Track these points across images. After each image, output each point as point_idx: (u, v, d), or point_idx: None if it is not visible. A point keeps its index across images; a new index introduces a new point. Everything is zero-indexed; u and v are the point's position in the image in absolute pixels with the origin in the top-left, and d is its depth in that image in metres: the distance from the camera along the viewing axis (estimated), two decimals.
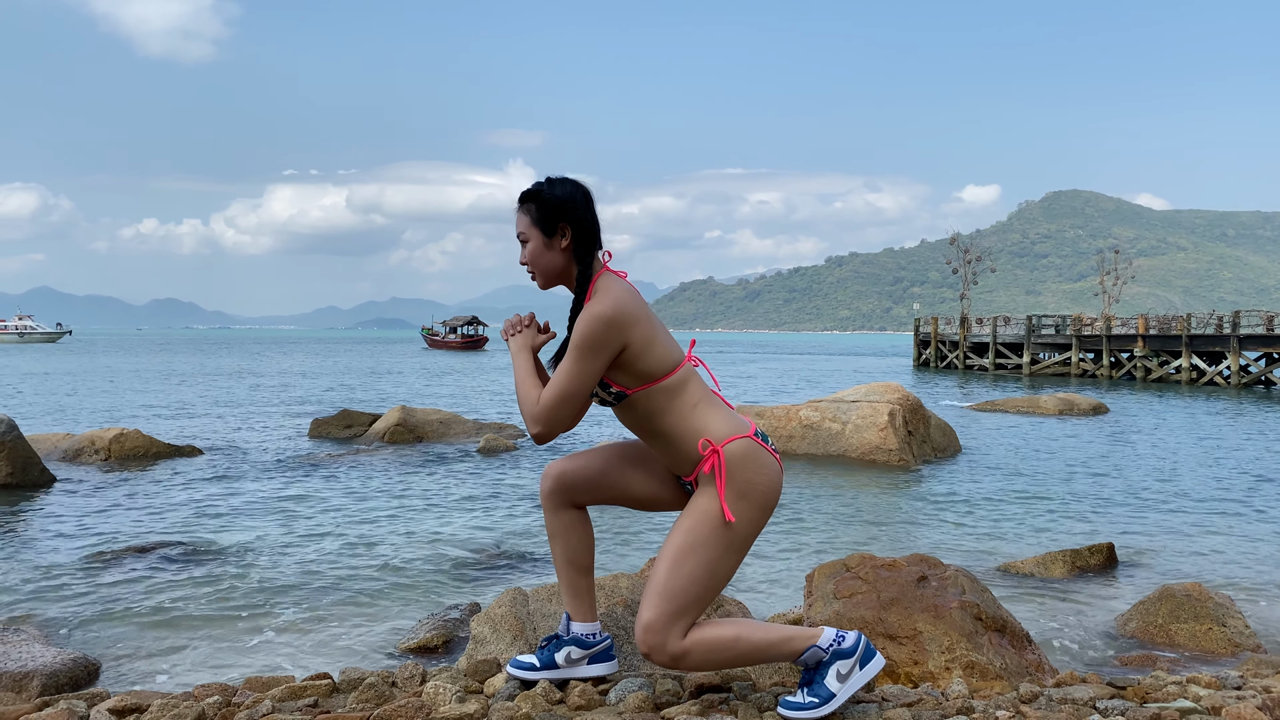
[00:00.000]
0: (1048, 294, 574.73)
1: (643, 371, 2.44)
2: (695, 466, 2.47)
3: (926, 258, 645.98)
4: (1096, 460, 15.06)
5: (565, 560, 2.70)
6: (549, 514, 2.71)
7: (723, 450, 2.42)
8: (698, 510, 2.42)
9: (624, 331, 2.39)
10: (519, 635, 4.06)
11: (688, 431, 2.46)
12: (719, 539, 2.39)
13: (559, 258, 2.54)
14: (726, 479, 2.40)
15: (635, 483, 2.67)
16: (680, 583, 2.37)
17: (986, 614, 5.15)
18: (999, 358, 45.59)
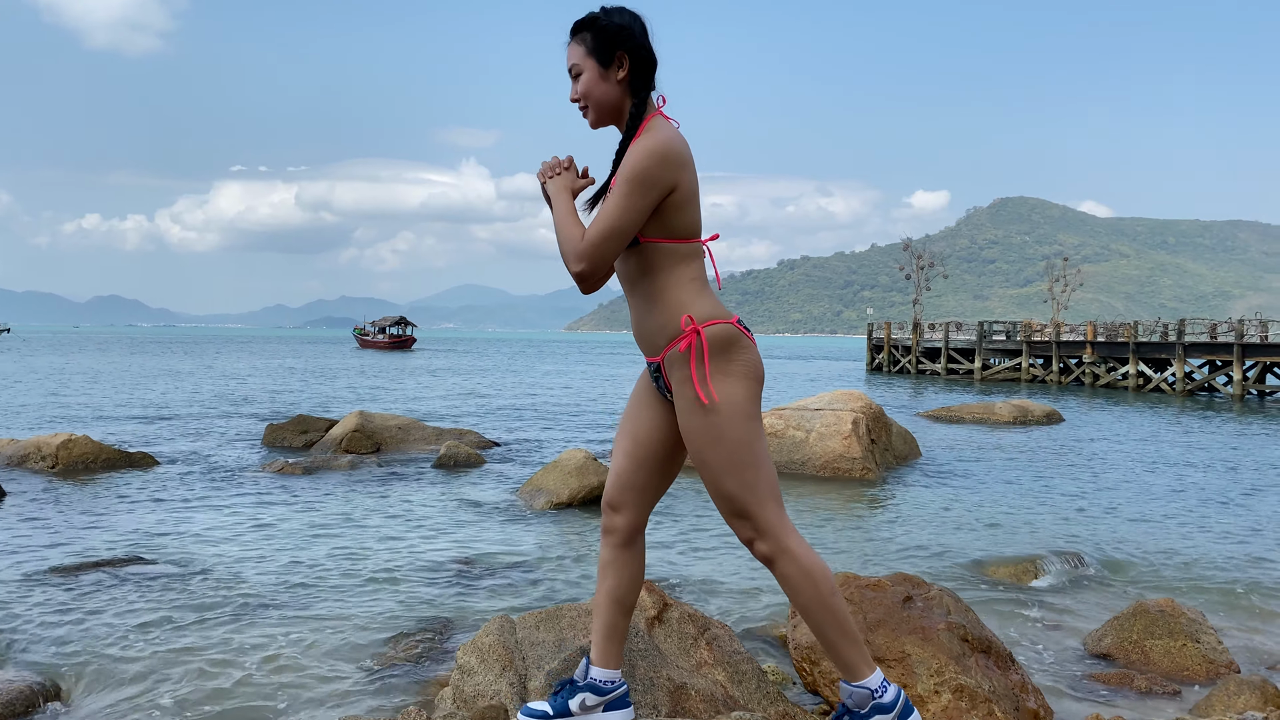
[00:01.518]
0: (995, 299, 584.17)
1: (671, 224, 2.33)
2: (668, 342, 2.36)
3: (877, 262, 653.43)
4: (1056, 469, 15.24)
5: (613, 598, 2.58)
6: (608, 549, 2.58)
7: (704, 330, 2.33)
8: (690, 412, 2.33)
9: (676, 171, 2.28)
10: (508, 666, 3.94)
11: (675, 302, 2.36)
12: (722, 422, 2.30)
13: (614, 90, 2.40)
14: (709, 360, 2.30)
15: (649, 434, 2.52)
16: (731, 483, 2.32)
17: (972, 635, 5.14)
18: (951, 363, 46.17)
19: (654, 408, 2.55)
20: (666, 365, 2.41)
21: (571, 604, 4.44)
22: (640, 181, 2.25)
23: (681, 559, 8.49)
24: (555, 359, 74.04)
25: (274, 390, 30.92)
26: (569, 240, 2.29)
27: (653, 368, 2.48)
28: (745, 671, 4.75)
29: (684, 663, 4.59)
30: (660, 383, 2.47)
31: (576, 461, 11.17)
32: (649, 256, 2.38)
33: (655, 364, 2.45)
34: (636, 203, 2.26)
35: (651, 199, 2.27)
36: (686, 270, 2.40)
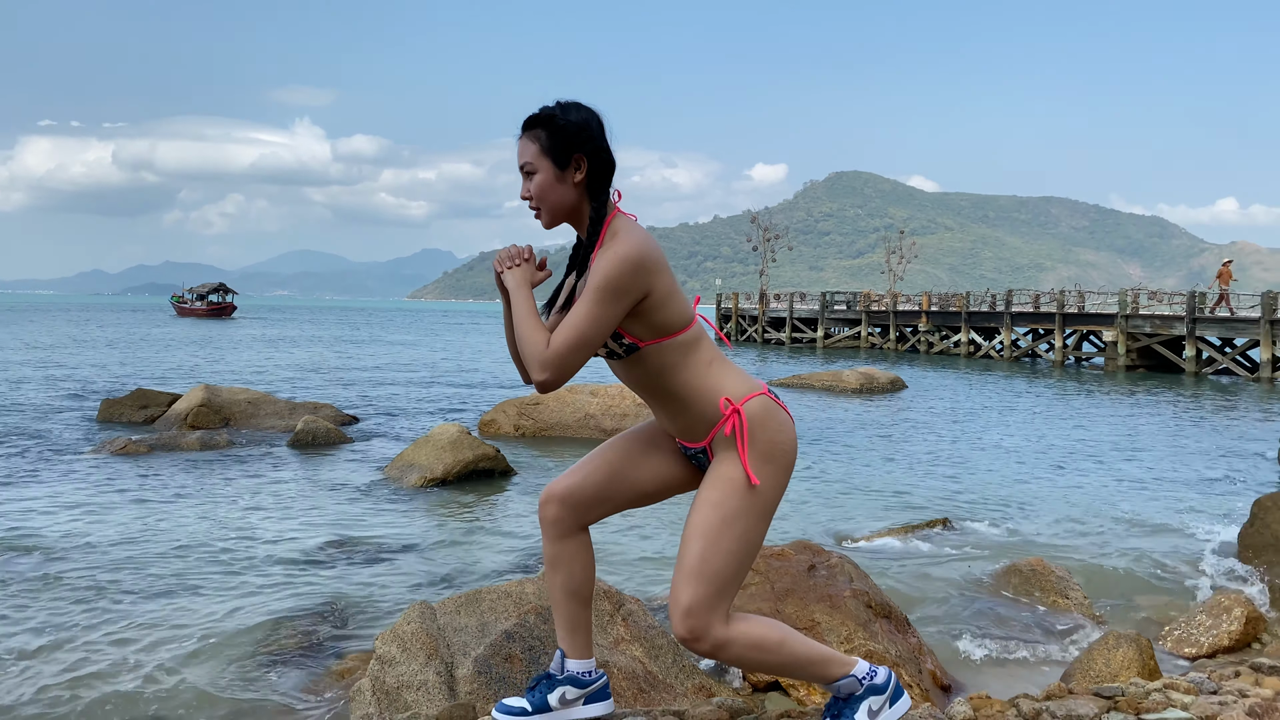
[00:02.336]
0: (830, 270, 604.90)
1: (660, 324, 2.25)
2: (710, 429, 2.30)
3: (720, 233, 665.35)
4: (911, 434, 15.92)
5: (568, 592, 2.47)
6: (552, 542, 2.46)
7: (743, 409, 2.27)
8: (723, 480, 2.25)
9: (649, 277, 2.20)
10: (433, 654, 3.80)
11: (704, 390, 2.29)
12: (751, 507, 2.24)
13: (571, 193, 2.29)
14: (749, 440, 2.25)
15: (644, 473, 2.46)
16: (719, 561, 2.22)
17: (875, 601, 5.28)
18: (795, 332, 47.58)
19: (668, 456, 2.48)
20: (715, 447, 2.33)
21: (491, 587, 4.31)
22: (612, 291, 2.16)
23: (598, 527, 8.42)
24: (403, 329, 72.23)
25: (100, 365, 28.94)
26: (533, 346, 2.17)
27: (692, 450, 2.40)
28: (661, 646, 4.74)
29: (602, 640, 4.54)
30: (699, 462, 2.42)
31: (450, 436, 10.91)
32: (654, 359, 2.29)
33: (697, 448, 2.38)
34: (607, 312, 2.17)
35: (622, 307, 2.19)
36: (699, 355, 2.31)
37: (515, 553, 7.64)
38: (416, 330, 69.27)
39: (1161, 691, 2.58)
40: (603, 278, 2.16)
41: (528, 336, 2.19)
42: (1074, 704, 2.50)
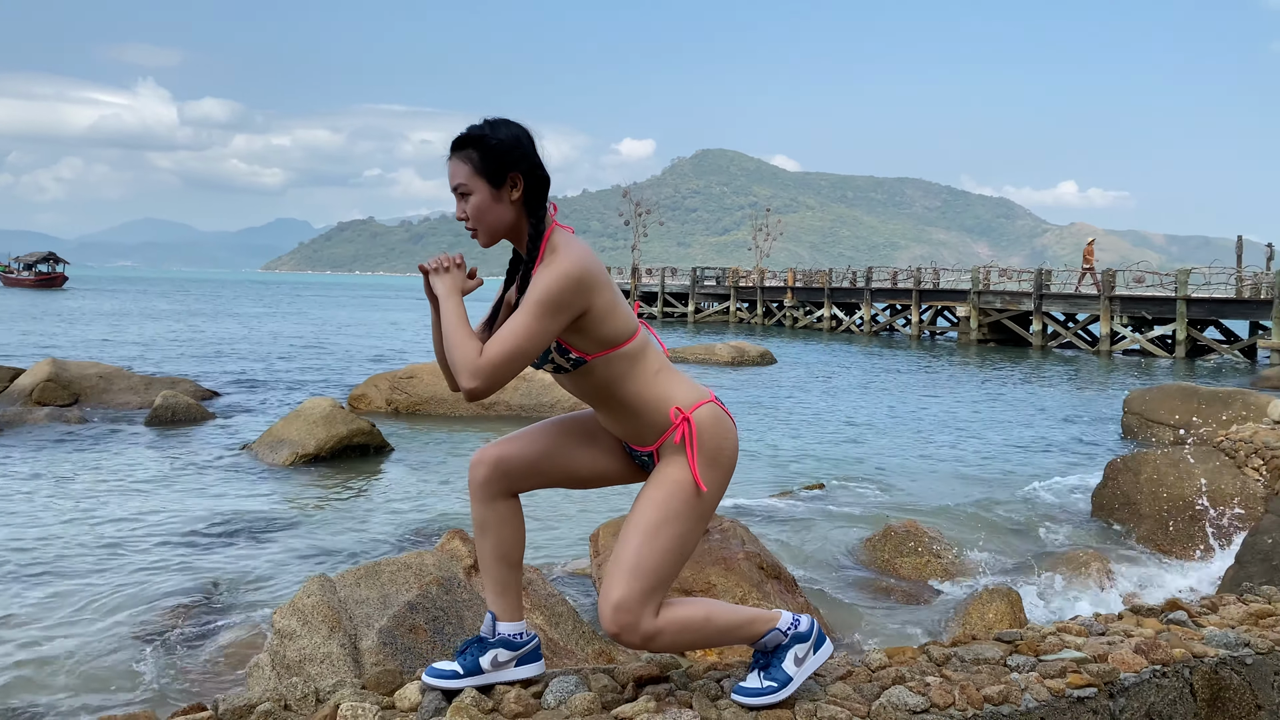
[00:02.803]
0: (697, 246, 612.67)
1: (604, 337, 2.25)
2: (659, 436, 2.32)
3: (589, 207, 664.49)
4: (783, 404, 16.33)
5: (496, 555, 2.45)
6: (482, 505, 2.43)
7: (693, 417, 2.30)
8: (668, 482, 2.28)
9: (589, 294, 2.20)
10: (336, 626, 3.71)
11: (654, 399, 2.31)
12: (692, 510, 2.28)
13: (508, 211, 2.26)
14: (698, 447, 2.29)
15: (581, 460, 2.47)
16: (655, 559, 2.24)
17: (766, 563, 5.42)
18: (666, 306, 48.07)
19: (607, 449, 2.48)
20: (663, 451, 2.35)
21: (390, 559, 4.24)
22: (551, 305, 2.15)
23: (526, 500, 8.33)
24: (258, 301, 69.49)
25: None
26: (464, 353, 2.14)
27: (640, 453, 2.41)
28: (561, 613, 4.76)
29: None
30: (645, 466, 2.43)
31: (322, 410, 10.59)
32: (601, 371, 2.28)
33: (645, 452, 2.39)
34: (545, 326, 2.15)
35: (560, 323, 2.18)
36: (646, 365, 2.32)
37: (400, 528, 7.50)
38: (272, 303, 66.76)
39: (1056, 634, 2.76)
40: (543, 292, 2.15)
41: (459, 344, 2.16)
42: (980, 648, 2.64)
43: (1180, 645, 2.66)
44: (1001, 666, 2.53)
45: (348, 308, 60.30)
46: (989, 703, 2.35)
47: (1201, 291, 31.36)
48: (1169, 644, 2.66)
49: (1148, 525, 7.10)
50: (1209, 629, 2.80)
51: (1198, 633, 2.78)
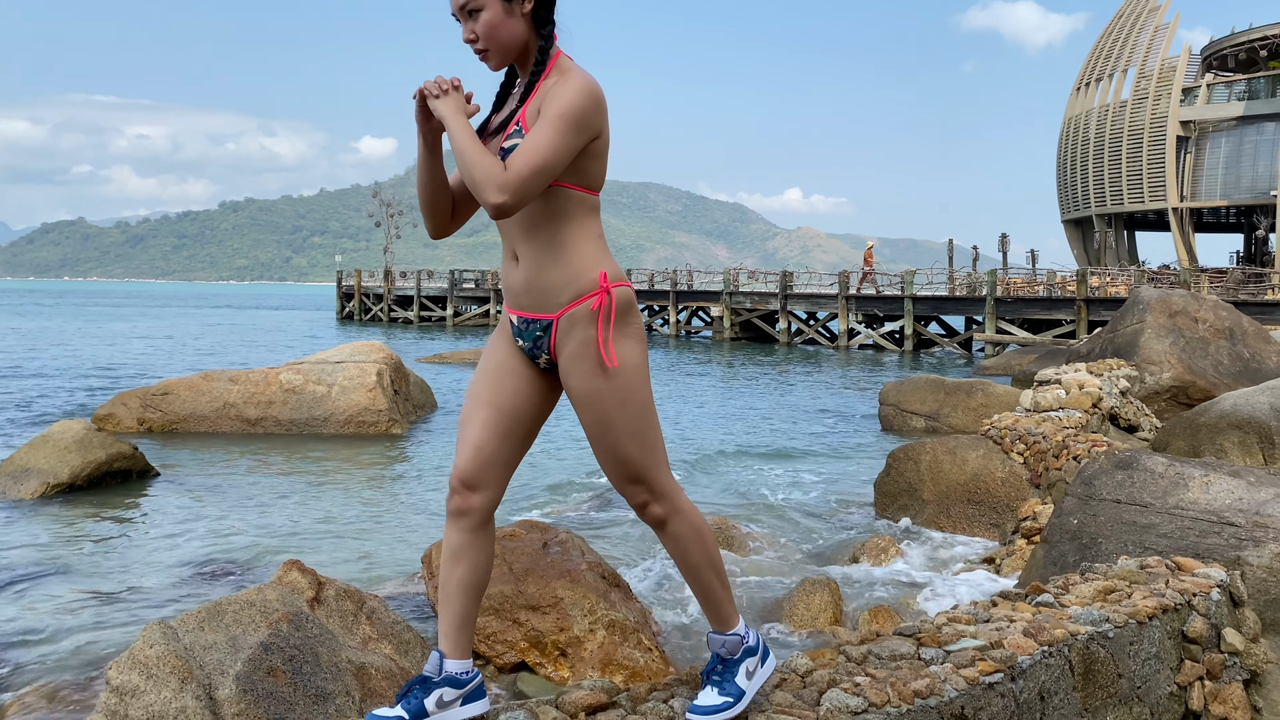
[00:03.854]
0: (445, 248, 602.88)
1: (587, 171, 2.19)
2: (572, 300, 2.21)
3: (327, 207, 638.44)
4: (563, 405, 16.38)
5: (468, 585, 2.28)
6: (462, 533, 2.26)
7: (614, 291, 2.23)
8: (598, 369, 2.21)
9: (603, 117, 2.16)
10: (187, 677, 3.37)
11: (587, 256, 2.22)
12: (634, 384, 2.24)
13: (521, 26, 2.18)
14: (613, 322, 2.21)
15: (519, 405, 2.32)
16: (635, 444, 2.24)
17: (607, 572, 5.43)
18: (424, 310, 47.01)
19: (520, 374, 2.32)
20: (564, 324, 2.22)
21: (231, 597, 3.90)
22: (575, 120, 2.10)
23: (285, 523, 7.77)
24: None
25: None
26: (487, 169, 2.05)
27: (535, 326, 2.26)
28: (408, 641, 4.58)
29: (351, 641, 4.29)
30: (538, 343, 2.28)
31: (75, 434, 9.56)
32: (558, 203, 2.19)
33: (543, 322, 2.25)
34: (569, 141, 2.10)
35: (581, 141, 2.13)
36: (594, 225, 2.26)
37: (188, 564, 6.90)
38: None
39: (949, 624, 2.94)
40: (567, 106, 2.10)
41: (479, 160, 2.07)
42: (892, 644, 2.77)
43: (1059, 626, 2.91)
44: (917, 661, 2.67)
45: (64, 317, 54.74)
46: (919, 697, 2.48)
47: (925, 290, 34.39)
48: (1050, 625, 2.90)
49: (931, 510, 7.70)
50: (1073, 608, 3.09)
51: (1065, 613, 3.05)
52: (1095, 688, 2.91)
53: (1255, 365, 14.16)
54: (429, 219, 2.32)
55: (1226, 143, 42.36)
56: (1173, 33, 44.82)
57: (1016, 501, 7.34)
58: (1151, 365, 13.45)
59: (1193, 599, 3.28)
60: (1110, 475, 4.61)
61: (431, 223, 2.33)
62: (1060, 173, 51.52)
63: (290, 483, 9.77)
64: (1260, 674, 3.42)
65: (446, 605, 2.32)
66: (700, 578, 2.35)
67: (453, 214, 2.37)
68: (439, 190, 2.30)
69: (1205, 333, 14.25)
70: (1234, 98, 42.78)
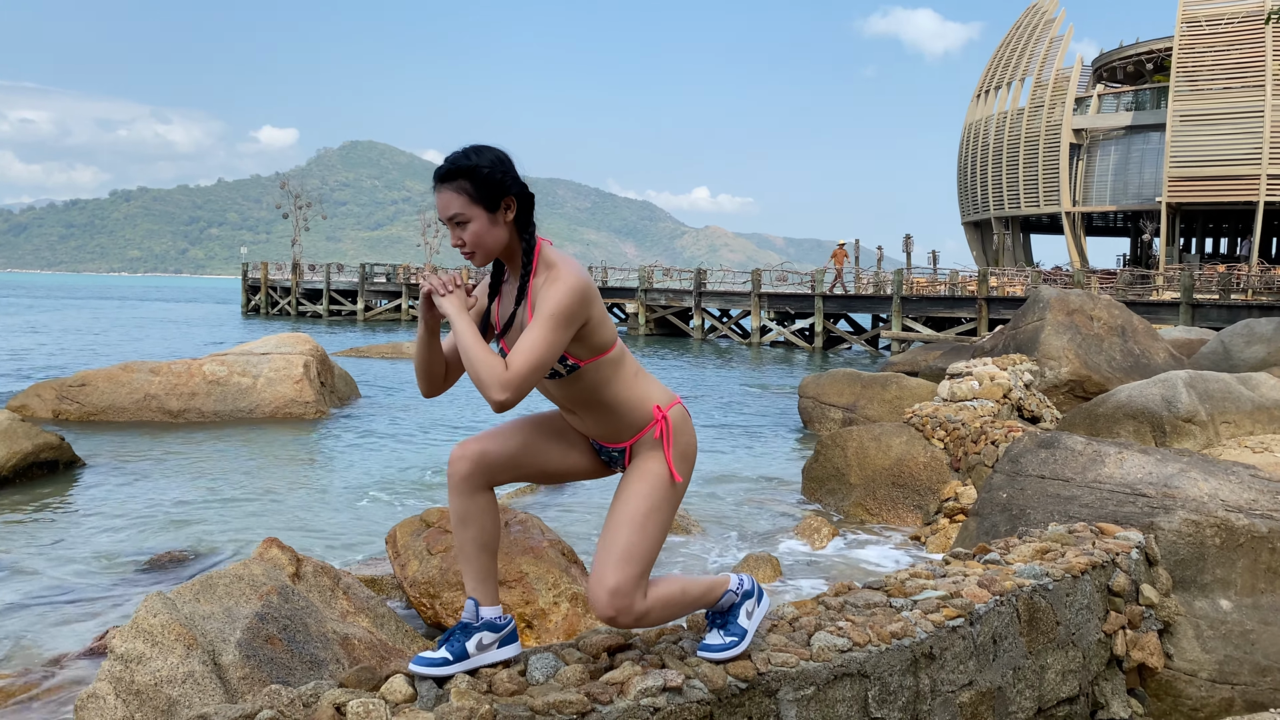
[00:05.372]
0: (349, 241, 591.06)
1: (596, 344, 2.44)
2: (637, 432, 2.52)
3: (225, 198, 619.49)
4: None
5: (479, 545, 2.53)
6: (464, 497, 2.50)
7: (669, 415, 2.53)
8: (650, 475, 2.50)
9: (591, 304, 2.39)
10: (192, 644, 3.52)
11: (635, 400, 2.51)
12: (670, 500, 2.52)
13: (504, 232, 2.40)
14: (673, 442, 2.53)
15: (553, 456, 2.62)
16: (644, 546, 2.46)
17: (566, 549, 5.68)
18: (333, 304, 46.26)
19: (576, 446, 2.65)
20: (635, 448, 2.54)
21: (220, 570, 4.04)
22: (565, 319, 2.32)
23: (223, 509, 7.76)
24: None
25: None
26: (490, 368, 2.26)
27: (611, 450, 2.59)
28: (383, 615, 4.76)
29: (331, 614, 4.45)
30: (614, 461, 2.61)
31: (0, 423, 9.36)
32: (591, 376, 2.46)
33: (618, 448, 2.57)
34: (561, 338, 2.32)
35: (571, 333, 2.36)
36: (627, 369, 2.53)
37: (132, 554, 6.90)
38: None
39: (910, 579, 3.28)
40: (555, 306, 2.32)
41: (482, 359, 2.27)
42: (864, 595, 3.09)
43: (1007, 579, 3.28)
44: (889, 608, 3.00)
45: None
46: (895, 638, 2.80)
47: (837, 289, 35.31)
48: (1000, 578, 3.26)
49: (858, 493, 8.13)
50: (1017, 565, 3.46)
51: (1010, 569, 3.42)
52: (1038, 633, 3.28)
53: (1145, 361, 15.07)
54: (424, 382, 2.55)
55: (1115, 151, 44.51)
56: (1066, 44, 46.83)
57: (938, 484, 7.81)
58: (1051, 360, 14.20)
59: (1116, 558, 3.69)
60: (1035, 454, 5.04)
61: (425, 385, 2.56)
62: (961, 177, 53.36)
63: (224, 472, 9.73)
64: (1172, 624, 3.86)
65: (466, 562, 2.57)
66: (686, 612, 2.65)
67: (444, 377, 2.60)
68: (436, 361, 2.54)
69: (1100, 330, 15.11)
70: (1122, 108, 44.96)
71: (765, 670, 2.57)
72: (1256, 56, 35.68)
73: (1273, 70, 35.09)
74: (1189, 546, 4.10)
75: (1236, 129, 36.03)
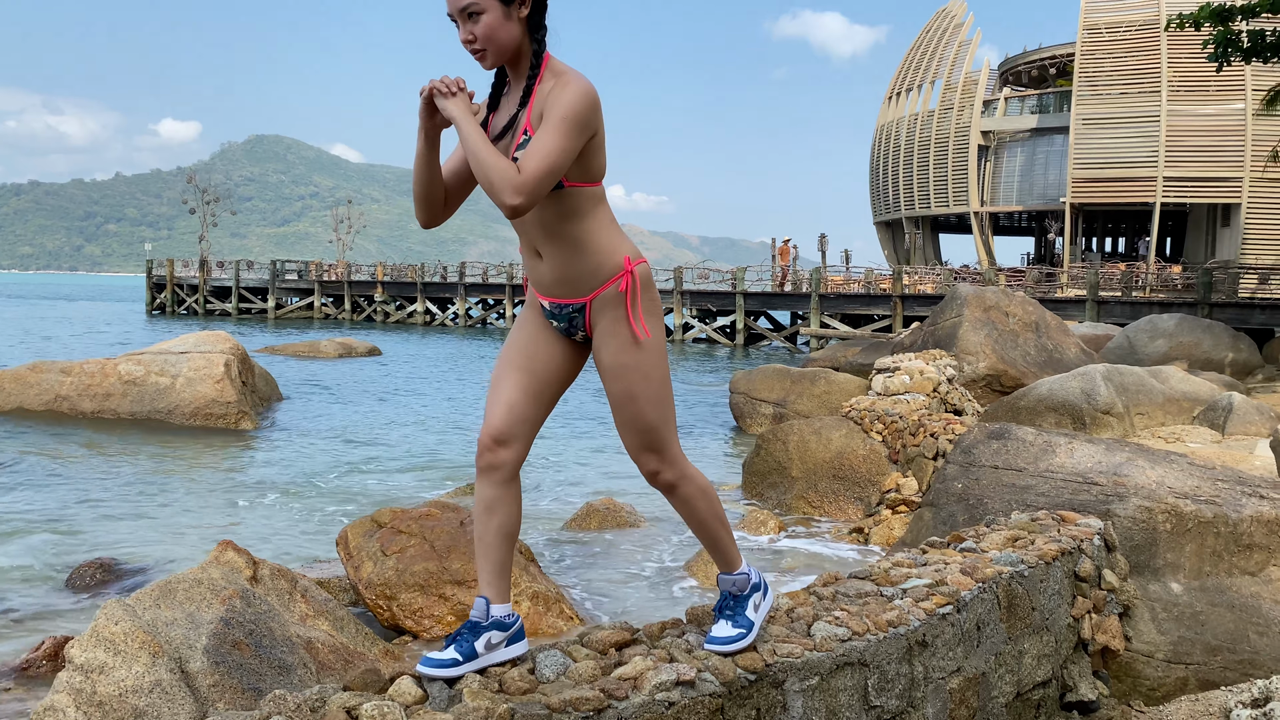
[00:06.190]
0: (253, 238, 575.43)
1: (590, 167, 2.34)
2: (600, 284, 2.40)
3: (123, 192, 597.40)
4: (408, 395, 16.22)
5: (503, 535, 2.44)
6: (496, 486, 2.41)
7: (636, 270, 2.43)
8: (622, 343, 2.41)
9: (599, 115, 2.31)
10: (158, 652, 3.37)
11: (605, 243, 2.40)
12: (654, 356, 2.44)
13: (516, 29, 2.29)
14: (639, 299, 2.42)
15: (550, 369, 2.50)
16: (658, 413, 2.45)
17: (524, 548, 5.62)
18: (243, 302, 45.01)
19: (552, 343, 2.50)
20: (596, 305, 2.41)
21: (179, 575, 3.90)
22: (578, 123, 2.24)
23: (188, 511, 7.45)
24: None
25: None
26: (503, 171, 2.17)
27: (568, 309, 2.44)
28: (342, 618, 4.64)
29: (290, 617, 4.32)
30: (573, 322, 2.46)
31: None
32: (572, 201, 2.35)
33: (576, 305, 2.43)
34: (573, 144, 2.23)
35: (583, 140, 2.27)
36: (605, 212, 2.42)
37: (55, 562, 6.60)
38: None
39: (894, 568, 3.32)
40: (569, 109, 2.23)
41: (494, 163, 2.18)
42: (854, 585, 3.12)
43: (987, 566, 3.34)
44: (881, 597, 3.03)
45: None
46: (891, 626, 2.83)
47: (755, 287, 35.73)
48: (981, 565, 3.32)
49: (800, 486, 8.23)
50: (992, 552, 3.53)
51: (986, 556, 3.49)
52: (1016, 619, 3.35)
53: (1058, 356, 15.57)
54: (423, 209, 2.42)
55: (1021, 152, 45.93)
56: (974, 49, 48.17)
57: (878, 476, 7.95)
58: (969, 355, 14.56)
59: (1081, 544, 3.79)
60: (987, 444, 5.16)
61: (425, 213, 2.43)
62: (873, 177, 54.45)
63: (142, 476, 9.38)
64: (1131, 608, 3.99)
65: (486, 555, 2.49)
66: (708, 530, 2.62)
67: (445, 203, 2.48)
68: (436, 182, 2.40)
69: (1015, 326, 15.55)
70: (1027, 111, 46.42)
71: (772, 661, 2.57)
72: (1153, 64, 37.19)
73: (1168, 77, 36.62)
74: (1142, 532, 4.24)
75: (1135, 133, 37.51)
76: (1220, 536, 4.37)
